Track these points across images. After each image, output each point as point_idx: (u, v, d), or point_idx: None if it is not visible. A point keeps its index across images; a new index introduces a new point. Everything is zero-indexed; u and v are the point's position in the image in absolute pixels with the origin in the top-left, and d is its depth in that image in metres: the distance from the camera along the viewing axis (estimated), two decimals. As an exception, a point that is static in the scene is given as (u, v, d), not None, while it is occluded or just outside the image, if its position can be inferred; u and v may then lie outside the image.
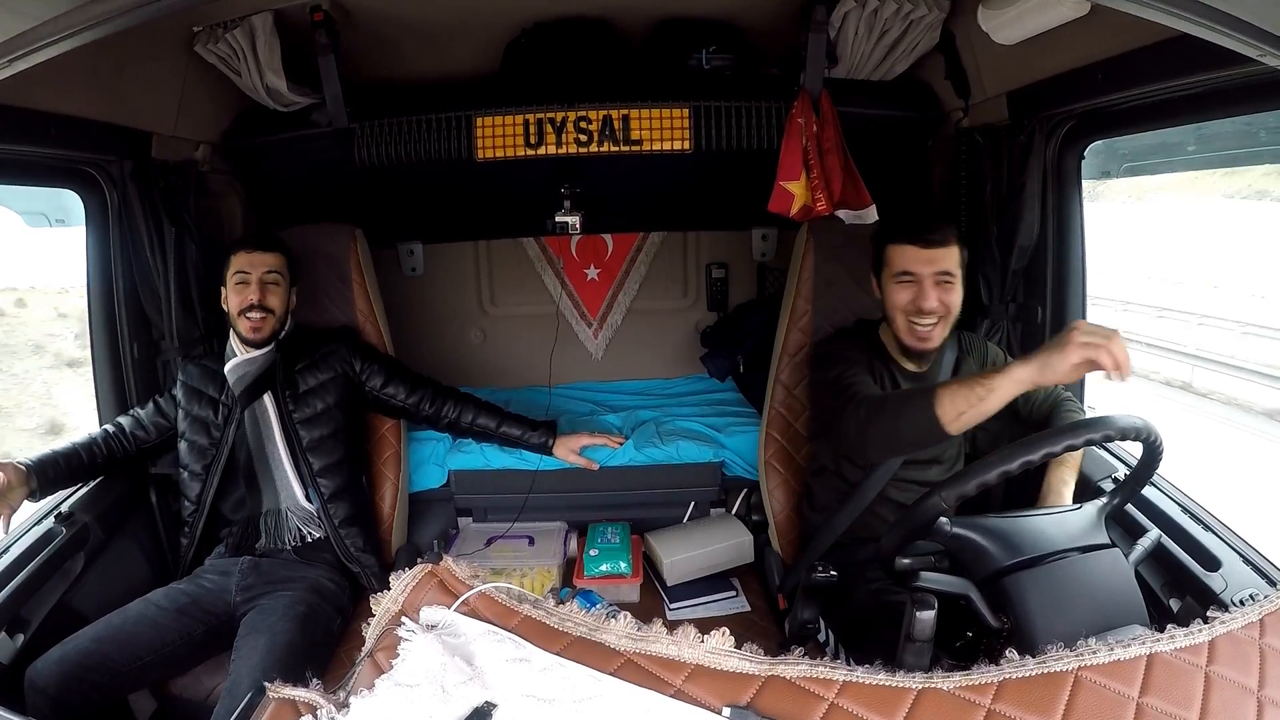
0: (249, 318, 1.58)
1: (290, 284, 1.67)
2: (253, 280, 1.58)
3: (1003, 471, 0.95)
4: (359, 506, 1.71)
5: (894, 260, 1.37)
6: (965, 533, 0.98)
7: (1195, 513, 1.28)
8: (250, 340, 1.60)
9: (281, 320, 1.64)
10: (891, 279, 1.37)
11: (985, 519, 1.01)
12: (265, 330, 1.60)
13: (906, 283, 1.35)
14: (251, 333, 1.59)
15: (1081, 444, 0.97)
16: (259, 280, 1.59)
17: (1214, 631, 0.76)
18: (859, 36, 1.66)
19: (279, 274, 1.62)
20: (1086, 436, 0.97)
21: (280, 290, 1.62)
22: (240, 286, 1.59)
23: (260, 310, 1.58)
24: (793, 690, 0.68)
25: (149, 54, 1.53)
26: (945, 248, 1.34)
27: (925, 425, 1.08)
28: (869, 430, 1.18)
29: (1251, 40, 0.79)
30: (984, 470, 0.96)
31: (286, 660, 1.31)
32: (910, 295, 1.35)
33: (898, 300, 1.36)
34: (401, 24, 1.68)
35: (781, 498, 1.74)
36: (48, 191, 1.69)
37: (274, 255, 1.62)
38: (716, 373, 2.38)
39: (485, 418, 1.83)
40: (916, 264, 1.34)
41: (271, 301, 1.60)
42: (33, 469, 1.42)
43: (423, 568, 0.82)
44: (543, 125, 1.78)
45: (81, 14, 0.74)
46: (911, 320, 1.36)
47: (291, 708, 0.71)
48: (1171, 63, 1.13)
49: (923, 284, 1.33)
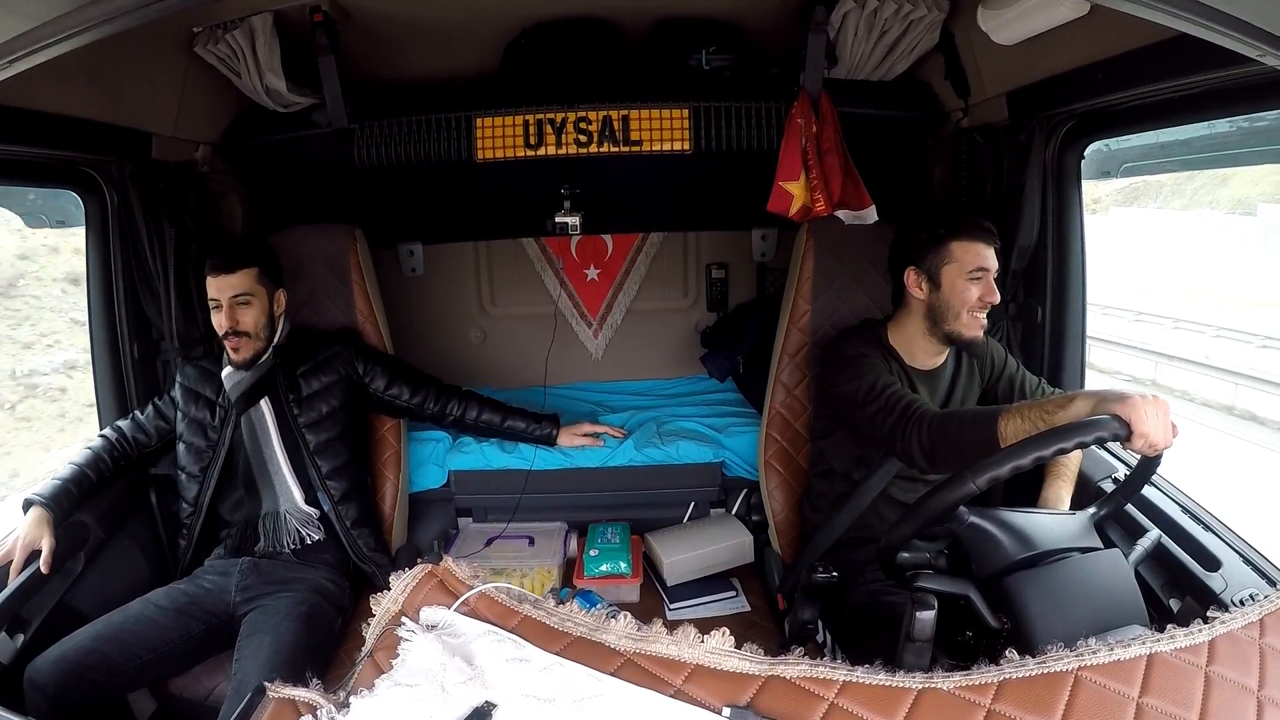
0: (228, 341, 1.56)
1: (272, 290, 1.62)
2: (223, 304, 1.55)
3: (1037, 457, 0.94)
4: (368, 507, 1.71)
5: (965, 257, 1.37)
6: (983, 523, 0.98)
7: (1195, 513, 1.28)
8: (234, 363, 1.59)
9: (268, 331, 1.61)
10: (963, 275, 1.37)
11: (1001, 511, 1.01)
12: (245, 352, 1.57)
13: (978, 279, 1.37)
14: (233, 353, 1.57)
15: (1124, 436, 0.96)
16: (229, 304, 1.55)
17: (1214, 631, 0.76)
18: (859, 37, 1.66)
19: (249, 293, 1.56)
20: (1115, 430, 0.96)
21: (254, 308, 1.57)
22: (215, 311, 1.57)
23: (235, 335, 1.55)
24: (793, 690, 0.68)
25: (149, 55, 1.53)
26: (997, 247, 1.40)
27: (988, 449, 1.09)
28: (935, 454, 1.21)
29: (1251, 40, 0.79)
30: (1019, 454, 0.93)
31: (291, 660, 1.31)
32: (981, 290, 1.37)
33: (967, 296, 1.37)
34: (401, 24, 1.68)
35: (781, 498, 1.74)
36: (48, 192, 1.69)
37: (241, 274, 1.55)
38: (716, 373, 2.39)
39: (489, 413, 1.85)
40: (988, 260, 1.37)
41: (246, 323, 1.56)
42: (49, 506, 1.41)
43: (423, 568, 0.82)
44: (542, 126, 1.79)
45: (81, 14, 0.74)
46: (976, 315, 1.38)
47: (291, 707, 0.71)
48: (1171, 63, 1.13)
49: (990, 280, 1.37)
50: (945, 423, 1.20)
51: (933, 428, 1.21)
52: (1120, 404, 0.96)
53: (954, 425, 1.19)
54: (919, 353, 1.47)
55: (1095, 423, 0.94)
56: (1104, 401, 0.99)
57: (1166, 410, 0.96)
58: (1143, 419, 0.94)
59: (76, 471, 1.52)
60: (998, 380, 1.54)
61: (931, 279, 1.41)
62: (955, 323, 1.39)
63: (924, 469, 1.27)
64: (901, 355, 1.47)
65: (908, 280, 1.44)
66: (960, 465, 1.20)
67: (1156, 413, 0.95)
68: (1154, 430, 0.95)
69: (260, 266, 1.60)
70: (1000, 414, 1.11)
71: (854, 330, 1.55)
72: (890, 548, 1.00)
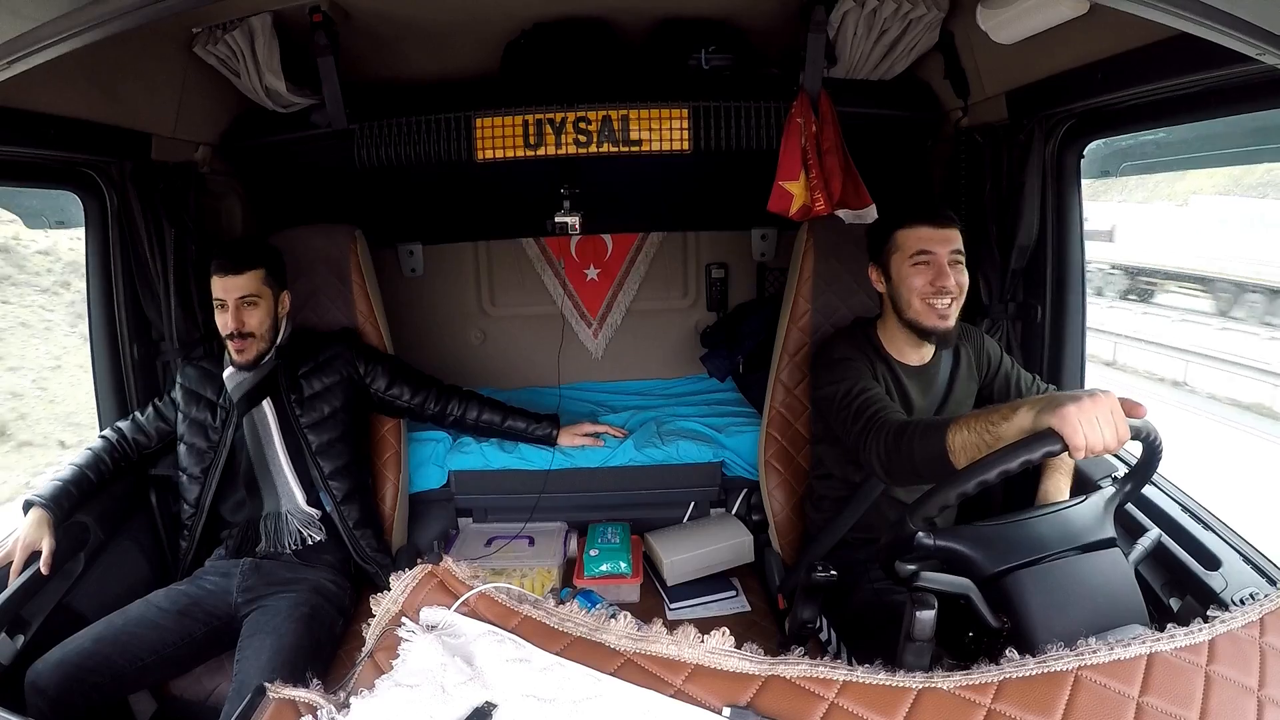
0: (232, 342, 1.56)
1: (278, 291, 1.62)
2: (229, 305, 1.54)
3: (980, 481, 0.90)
4: (369, 508, 1.72)
5: (907, 243, 1.36)
6: (949, 544, 0.98)
7: (1195, 512, 1.28)
8: (237, 364, 1.59)
9: (272, 332, 1.61)
10: (906, 262, 1.36)
11: (970, 527, 1.01)
12: (250, 353, 1.57)
13: (923, 264, 1.35)
14: (237, 355, 1.57)
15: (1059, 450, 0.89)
16: (235, 305, 1.55)
17: (1214, 631, 0.76)
18: (858, 36, 1.66)
19: (255, 294, 1.56)
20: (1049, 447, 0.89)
21: (260, 309, 1.57)
22: (219, 311, 1.56)
23: (240, 337, 1.55)
24: (793, 690, 0.68)
25: (149, 55, 1.53)
26: (954, 228, 1.36)
27: (943, 467, 1.07)
28: (891, 466, 1.18)
29: (1251, 40, 0.79)
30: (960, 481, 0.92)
31: (292, 661, 1.31)
32: (929, 276, 1.34)
33: (915, 283, 1.35)
34: (401, 25, 1.68)
35: (781, 498, 1.74)
36: (48, 193, 1.69)
37: (248, 275, 1.55)
38: (716, 373, 2.39)
39: (490, 413, 1.85)
40: (933, 243, 1.34)
41: (251, 324, 1.56)
42: (50, 507, 1.41)
43: (423, 568, 0.82)
44: (542, 126, 1.79)
45: (81, 15, 0.74)
46: (930, 301, 1.35)
47: (292, 708, 0.71)
48: (1171, 62, 1.13)
49: (940, 263, 1.34)
50: (899, 435, 1.16)
51: (888, 440, 1.18)
52: (1053, 415, 0.89)
53: (906, 438, 1.14)
54: (905, 348, 1.46)
55: (1030, 442, 0.89)
56: (1042, 413, 0.91)
57: (1108, 408, 0.88)
58: (1076, 430, 0.87)
59: (76, 472, 1.51)
60: (994, 378, 1.54)
61: (885, 272, 1.41)
62: (910, 311, 1.37)
63: (885, 481, 1.25)
64: (890, 353, 1.46)
65: (871, 277, 1.45)
66: (915, 479, 1.18)
67: (1094, 418, 0.87)
68: (1091, 438, 0.87)
69: (266, 268, 1.59)
70: (949, 425, 1.06)
71: (845, 331, 1.54)
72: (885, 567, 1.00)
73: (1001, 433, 0.98)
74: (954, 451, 1.04)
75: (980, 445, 1.00)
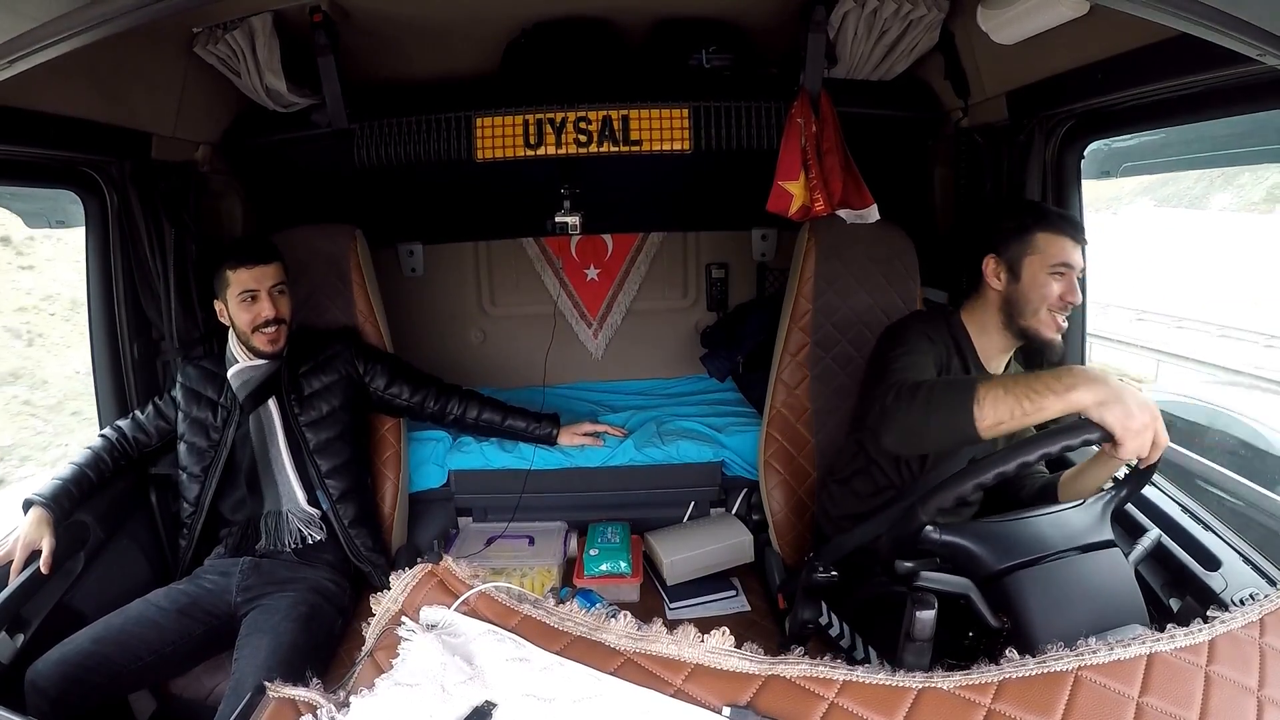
0: (265, 332, 1.57)
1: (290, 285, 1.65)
2: (263, 295, 1.57)
3: (999, 473, 0.93)
4: (367, 507, 1.72)
5: (1050, 249, 1.31)
6: (955, 539, 0.98)
7: (1195, 512, 1.28)
8: (267, 354, 1.60)
9: (291, 327, 1.64)
10: (1045, 268, 1.31)
11: (978, 523, 1.01)
12: (282, 341, 1.60)
13: (1060, 275, 1.31)
14: (269, 345, 1.58)
15: (1079, 444, 0.95)
16: (268, 293, 1.57)
17: (1214, 631, 0.76)
18: (858, 36, 1.66)
19: (284, 282, 1.61)
20: (1084, 436, 0.95)
21: (288, 298, 1.62)
22: (249, 304, 1.57)
23: (276, 324, 1.58)
24: (793, 690, 0.68)
25: (149, 55, 1.53)
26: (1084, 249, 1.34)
27: (958, 424, 1.02)
28: (894, 415, 1.10)
29: (1251, 40, 0.79)
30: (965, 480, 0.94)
31: (290, 660, 1.31)
32: (1063, 288, 1.30)
33: (1049, 291, 1.30)
34: (401, 24, 1.68)
35: (781, 497, 1.74)
36: (47, 192, 1.69)
37: (275, 265, 1.59)
38: (716, 373, 2.39)
39: (490, 412, 1.85)
40: (1074, 257, 1.31)
41: (284, 312, 1.60)
42: (50, 506, 1.41)
43: (423, 567, 0.82)
44: (542, 125, 1.79)
45: (81, 15, 0.74)
46: (1055, 313, 1.32)
47: (291, 707, 0.71)
48: (1171, 63, 1.13)
49: (1073, 279, 1.31)
50: (915, 389, 1.10)
51: (897, 392, 1.11)
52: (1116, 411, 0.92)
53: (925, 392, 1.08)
54: (993, 351, 1.39)
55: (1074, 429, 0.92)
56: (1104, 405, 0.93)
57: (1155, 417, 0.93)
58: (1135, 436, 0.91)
59: (76, 471, 1.51)
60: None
61: (1011, 270, 1.33)
62: (1033, 319, 1.32)
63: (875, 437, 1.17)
64: (976, 348, 1.39)
65: (986, 268, 1.36)
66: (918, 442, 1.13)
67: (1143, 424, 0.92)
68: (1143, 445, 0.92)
69: (283, 262, 1.63)
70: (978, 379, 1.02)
71: (924, 316, 1.48)
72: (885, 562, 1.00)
73: (1046, 405, 0.96)
74: (980, 404, 1.00)
75: (1015, 411, 0.98)
